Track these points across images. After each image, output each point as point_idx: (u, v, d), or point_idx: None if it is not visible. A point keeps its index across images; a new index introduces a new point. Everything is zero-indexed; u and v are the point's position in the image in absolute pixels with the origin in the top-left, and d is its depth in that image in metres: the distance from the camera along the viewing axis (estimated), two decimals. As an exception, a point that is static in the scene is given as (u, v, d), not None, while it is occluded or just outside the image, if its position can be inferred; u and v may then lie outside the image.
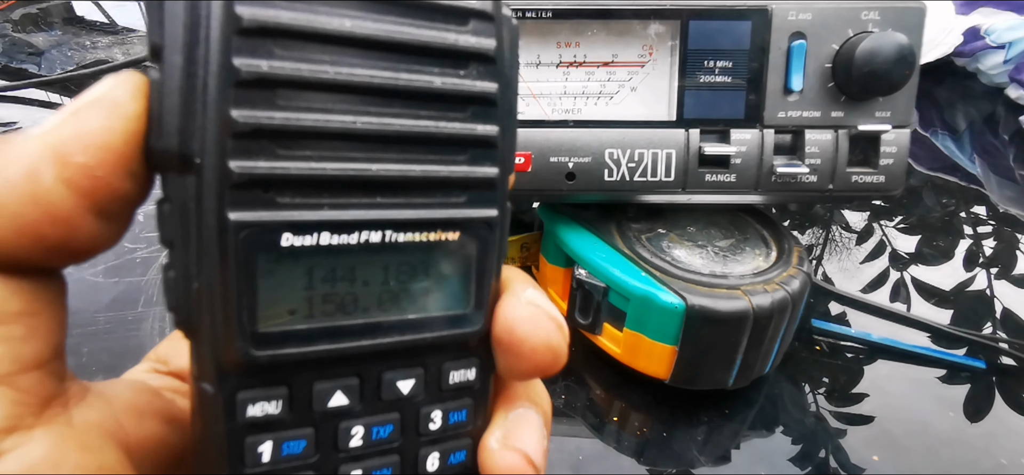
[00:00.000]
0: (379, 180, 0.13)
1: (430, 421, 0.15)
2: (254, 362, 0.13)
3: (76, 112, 0.12)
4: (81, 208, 0.12)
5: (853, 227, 0.53)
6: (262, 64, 0.12)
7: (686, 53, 0.32)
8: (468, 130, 0.14)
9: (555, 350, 0.15)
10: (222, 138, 0.12)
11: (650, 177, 0.33)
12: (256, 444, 0.14)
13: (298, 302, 0.13)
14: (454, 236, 0.14)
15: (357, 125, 0.13)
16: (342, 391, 0.14)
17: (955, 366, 0.38)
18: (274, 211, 0.13)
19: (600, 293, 0.33)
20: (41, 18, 0.91)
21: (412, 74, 0.13)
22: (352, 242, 0.13)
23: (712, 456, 0.31)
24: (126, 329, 0.36)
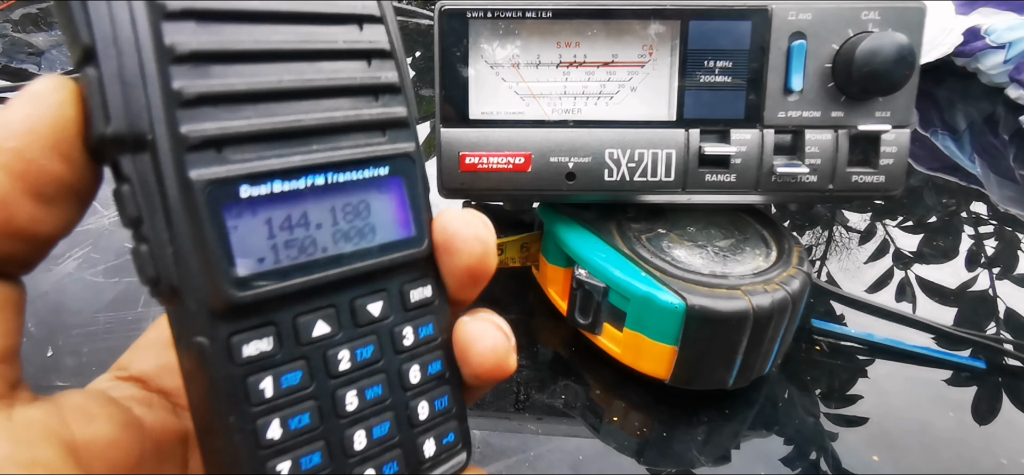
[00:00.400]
0: (312, 128, 0.16)
1: (404, 337, 0.18)
2: (239, 302, 0.14)
3: (4, 107, 0.13)
4: (16, 191, 0.13)
5: (855, 227, 0.53)
6: (192, 40, 0.14)
7: (686, 53, 0.32)
8: (375, 78, 0.17)
9: (484, 242, 0.18)
10: (170, 109, 0.14)
11: (650, 177, 0.33)
12: (257, 382, 0.15)
13: (265, 248, 0.15)
14: (384, 171, 0.17)
15: (282, 83, 0.15)
16: (323, 319, 0.16)
17: (955, 366, 0.38)
18: (230, 166, 0.14)
19: (600, 293, 0.33)
20: (41, 18, 0.91)
21: (317, 37, 0.16)
22: (301, 187, 0.15)
23: (712, 456, 0.31)
24: (126, 329, 0.36)
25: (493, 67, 0.33)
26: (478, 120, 0.33)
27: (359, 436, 0.17)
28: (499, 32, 0.32)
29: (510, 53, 0.33)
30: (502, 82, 0.33)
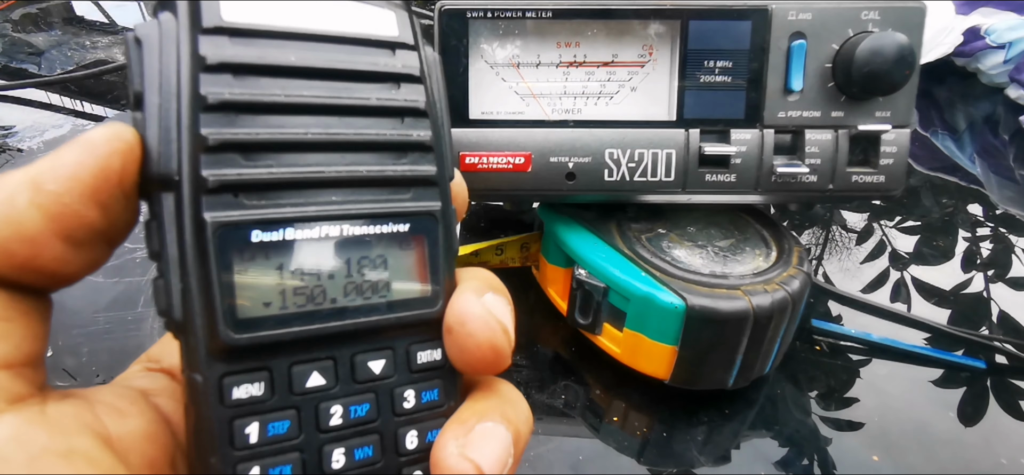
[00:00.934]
0: (332, 180, 0.16)
1: (404, 400, 0.17)
2: (235, 345, 0.14)
3: (56, 151, 0.14)
4: (48, 231, 0.14)
5: (853, 227, 0.53)
6: (224, 91, 0.15)
7: (686, 53, 0.32)
8: (404, 136, 0.17)
9: (498, 350, 0.17)
10: (196, 153, 0.14)
11: (650, 177, 0.33)
12: (244, 426, 0.15)
13: (272, 294, 0.15)
14: (404, 228, 0.17)
15: (308, 135, 0.15)
16: (318, 371, 0.16)
17: (955, 366, 0.38)
18: (243, 211, 0.15)
19: (600, 293, 0.33)
20: (41, 18, 0.91)
21: (351, 93, 0.16)
22: (314, 236, 0.15)
23: (712, 456, 0.31)
24: (126, 329, 0.36)
25: (493, 67, 0.33)
26: (478, 120, 0.33)
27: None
28: (499, 32, 0.32)
29: (510, 53, 0.33)
30: (502, 82, 0.33)
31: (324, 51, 0.16)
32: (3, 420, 0.13)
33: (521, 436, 0.17)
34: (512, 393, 0.18)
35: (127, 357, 0.35)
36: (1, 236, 0.13)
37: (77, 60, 0.77)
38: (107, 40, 0.84)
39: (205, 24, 0.15)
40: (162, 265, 0.15)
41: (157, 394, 0.17)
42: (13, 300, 0.14)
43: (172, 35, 0.15)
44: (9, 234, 0.13)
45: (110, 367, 0.34)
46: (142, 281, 0.40)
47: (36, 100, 0.66)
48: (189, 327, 0.14)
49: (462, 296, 0.17)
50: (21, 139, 0.57)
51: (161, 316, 0.15)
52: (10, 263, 0.14)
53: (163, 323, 0.15)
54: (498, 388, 0.18)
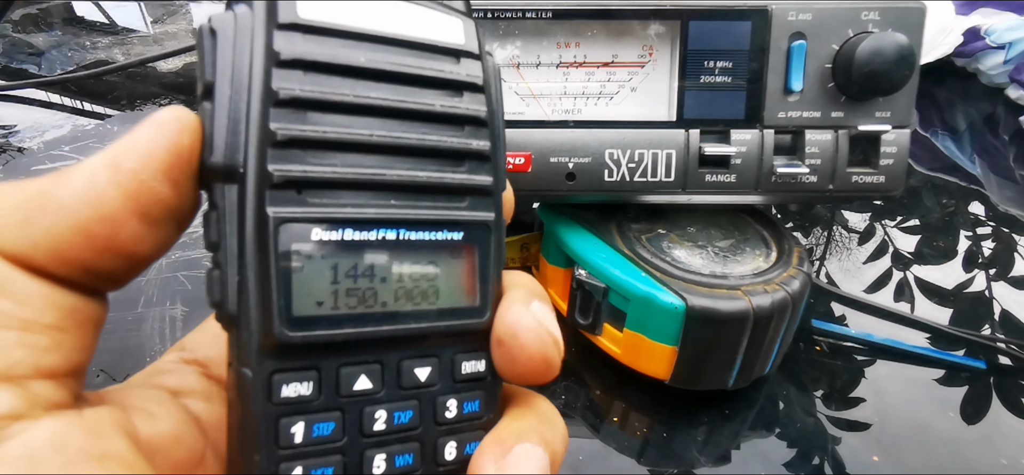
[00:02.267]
0: (392, 183, 0.16)
1: (446, 409, 0.17)
2: (288, 343, 0.15)
3: (131, 131, 0.15)
4: (127, 209, 0.14)
5: (854, 227, 0.53)
6: (295, 87, 0.15)
7: (686, 53, 0.32)
8: (464, 144, 0.17)
9: (549, 363, 0.17)
10: (263, 147, 0.14)
11: (650, 177, 0.33)
12: (290, 425, 0.15)
13: (325, 294, 0.15)
14: (458, 236, 0.17)
15: (372, 137, 0.16)
16: (366, 375, 0.16)
17: (956, 367, 0.38)
18: (306, 208, 0.15)
19: (600, 293, 0.33)
20: (41, 18, 0.91)
21: (416, 98, 0.16)
22: (371, 238, 0.16)
23: (712, 456, 0.31)
24: (126, 329, 0.36)
25: (493, 67, 0.33)
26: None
27: None
28: (499, 32, 0.32)
29: (510, 53, 0.33)
30: (502, 82, 0.33)
31: (393, 54, 0.16)
32: (40, 424, 0.13)
33: (557, 457, 0.17)
34: (550, 411, 0.18)
35: (127, 357, 0.35)
36: (83, 218, 0.14)
37: (77, 60, 0.77)
38: (107, 40, 0.84)
39: (281, 19, 0.15)
40: (220, 256, 0.15)
41: (188, 394, 0.17)
42: (72, 308, 0.14)
43: (247, 28, 0.15)
44: (91, 215, 0.14)
45: (110, 367, 0.34)
46: (142, 281, 0.40)
47: (36, 100, 0.66)
48: (243, 321, 0.15)
49: (512, 307, 0.17)
50: (21, 139, 0.57)
51: (213, 307, 0.15)
52: (91, 245, 0.14)
53: (214, 314, 0.15)
54: (537, 405, 0.18)
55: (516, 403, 0.18)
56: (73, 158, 0.54)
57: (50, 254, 0.14)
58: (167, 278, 0.41)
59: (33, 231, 0.13)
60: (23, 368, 0.13)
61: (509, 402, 0.18)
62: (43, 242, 0.14)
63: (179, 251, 0.43)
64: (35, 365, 0.13)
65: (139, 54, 0.77)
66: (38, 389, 0.13)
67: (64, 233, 0.14)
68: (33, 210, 0.14)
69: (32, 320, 0.14)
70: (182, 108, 0.15)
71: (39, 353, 0.14)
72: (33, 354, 0.13)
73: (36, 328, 0.14)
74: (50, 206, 0.14)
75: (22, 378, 0.13)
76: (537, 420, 0.17)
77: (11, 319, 0.13)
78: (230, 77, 0.15)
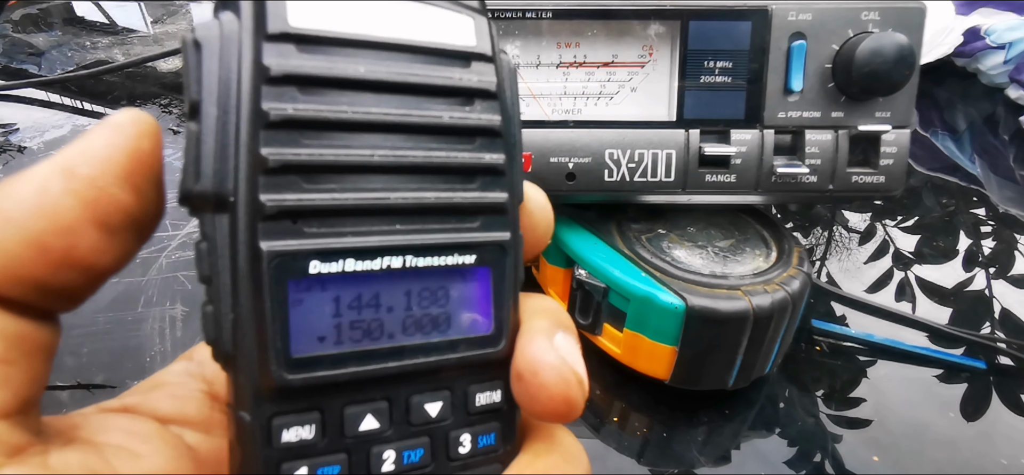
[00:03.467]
0: (397, 207, 0.15)
1: (460, 445, 0.16)
2: (288, 386, 0.14)
3: (85, 134, 0.13)
4: (84, 218, 0.13)
5: (855, 227, 0.53)
6: (288, 108, 0.13)
7: (686, 53, 0.32)
8: (476, 159, 0.15)
9: (572, 405, 0.15)
10: (254, 175, 0.13)
11: (650, 177, 0.33)
12: (292, 470, 0.14)
13: (327, 329, 0.14)
14: (470, 259, 0.15)
15: (374, 158, 0.14)
16: (372, 414, 0.15)
17: (955, 367, 0.38)
18: (302, 240, 0.14)
19: (600, 293, 0.33)
20: (41, 18, 0.91)
21: (422, 111, 0.15)
22: (375, 268, 0.14)
23: (712, 456, 0.31)
24: (126, 329, 0.36)
25: (493, 67, 0.33)
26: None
27: None
28: (499, 32, 0.32)
29: (510, 53, 0.33)
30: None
31: (395, 62, 0.15)
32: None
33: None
34: (573, 447, 0.17)
35: (127, 357, 0.35)
36: (35, 230, 0.12)
37: (77, 60, 0.77)
38: (107, 40, 0.84)
39: (270, 29, 0.13)
40: (212, 292, 0.14)
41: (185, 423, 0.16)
42: (19, 336, 0.13)
43: (234, 39, 0.13)
44: (44, 226, 0.12)
45: (110, 367, 0.34)
46: (142, 281, 0.40)
47: (36, 100, 0.66)
48: (239, 362, 0.14)
49: (534, 340, 0.16)
50: (21, 139, 0.57)
51: (209, 345, 0.14)
52: (45, 260, 0.13)
53: (211, 353, 0.14)
54: (558, 440, 0.17)
55: (537, 437, 0.17)
56: (73, 158, 0.54)
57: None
58: (167, 278, 0.41)
59: None
60: None
61: (528, 435, 0.17)
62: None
63: (179, 251, 0.43)
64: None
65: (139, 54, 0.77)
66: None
67: (14, 248, 0.12)
68: None
69: None
70: (139, 110, 0.14)
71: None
72: None
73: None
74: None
75: None
76: (559, 459, 0.16)
77: None
78: (216, 96, 0.13)
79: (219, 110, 0.13)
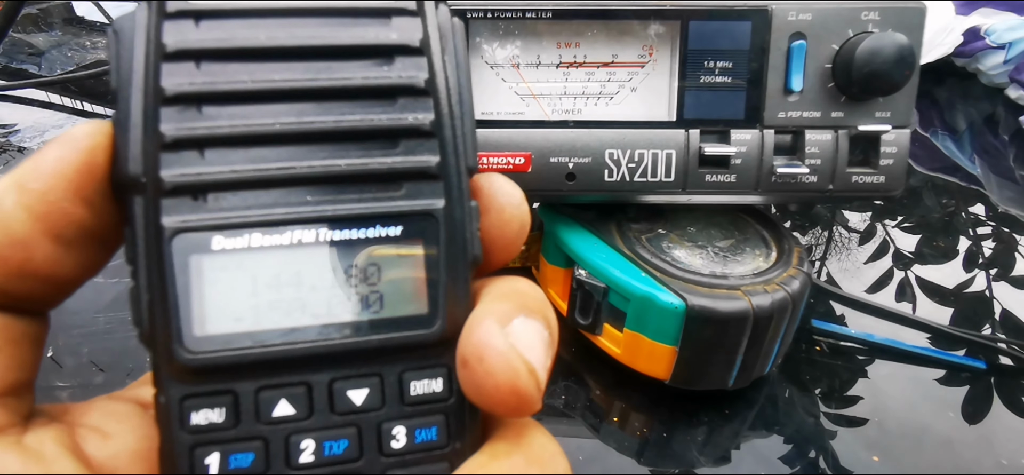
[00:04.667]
0: (304, 177, 0.14)
1: (393, 438, 0.14)
2: (192, 365, 0.13)
3: (38, 151, 0.14)
4: (37, 231, 0.13)
5: (855, 227, 0.53)
6: (184, 82, 0.13)
7: (686, 53, 0.32)
8: (396, 119, 0.14)
9: (521, 397, 0.14)
10: (156, 152, 0.13)
11: (650, 177, 0.33)
12: (204, 455, 0.14)
13: (234, 306, 0.14)
14: (395, 231, 0.14)
15: (276, 126, 0.14)
16: (287, 399, 0.14)
17: (956, 367, 0.38)
18: (204, 214, 0.13)
19: (600, 293, 0.33)
20: (41, 18, 0.91)
21: (331, 74, 0.14)
22: (284, 242, 0.14)
23: (712, 457, 0.31)
24: (126, 329, 0.36)
25: (493, 67, 0.33)
26: (478, 120, 0.33)
27: None
28: (499, 32, 0.32)
29: (510, 53, 0.33)
30: (502, 82, 0.33)
31: (301, 27, 0.14)
32: None
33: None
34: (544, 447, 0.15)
35: (127, 357, 0.35)
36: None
37: (77, 60, 0.77)
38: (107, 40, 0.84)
39: (169, 8, 0.13)
40: (135, 273, 0.14)
41: None
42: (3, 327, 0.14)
43: (143, 23, 0.14)
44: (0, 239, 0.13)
45: (110, 367, 0.34)
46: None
47: (36, 100, 0.66)
48: (155, 342, 0.13)
49: (482, 322, 0.14)
50: (21, 139, 0.57)
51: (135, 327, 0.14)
52: (4, 270, 0.13)
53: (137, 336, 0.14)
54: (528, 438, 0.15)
55: (502, 435, 0.15)
56: (73, 158, 0.54)
57: None
58: (167, 278, 0.41)
59: None
60: None
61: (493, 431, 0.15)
62: None
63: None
64: None
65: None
66: None
67: None
68: None
69: None
70: (98, 121, 0.14)
71: None
72: None
73: None
74: None
75: None
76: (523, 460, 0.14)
77: None
78: (130, 79, 0.13)
79: (132, 92, 0.13)
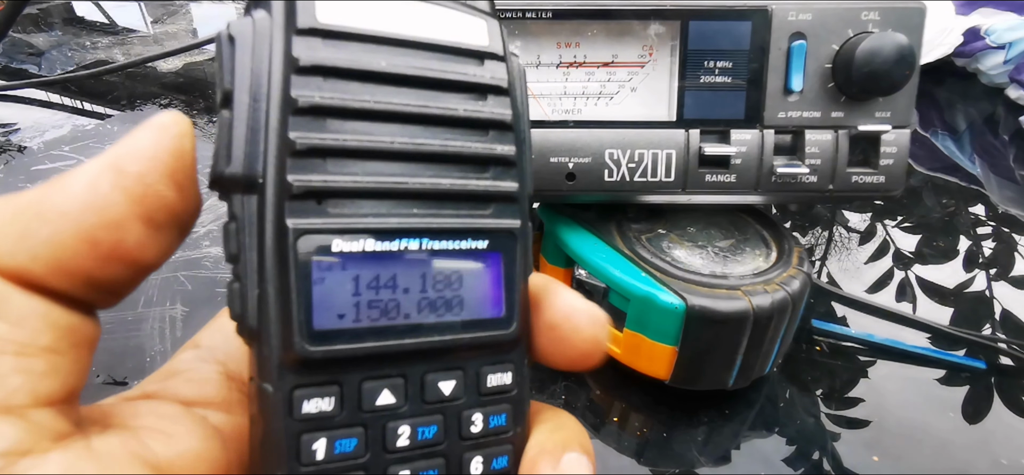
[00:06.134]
0: (414, 192, 0.16)
1: (471, 424, 0.16)
2: (309, 358, 0.14)
3: (132, 134, 0.14)
4: (131, 214, 0.14)
5: (855, 227, 0.53)
6: (315, 95, 0.14)
7: (686, 53, 0.32)
8: (488, 149, 0.16)
9: (601, 345, 0.18)
10: (283, 156, 0.14)
11: (650, 177, 0.33)
12: (311, 441, 0.15)
13: (347, 305, 0.15)
14: (483, 244, 0.16)
15: (394, 145, 0.15)
16: (389, 389, 0.15)
17: (955, 366, 0.38)
18: (326, 218, 0.15)
19: (600, 293, 0.33)
20: (41, 18, 0.91)
21: (439, 103, 0.16)
22: (393, 249, 0.15)
23: (712, 457, 0.31)
24: (126, 329, 0.36)
25: (493, 67, 0.33)
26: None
27: None
28: (499, 32, 0.32)
29: (510, 53, 0.33)
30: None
31: (414, 58, 0.16)
32: (48, 459, 0.12)
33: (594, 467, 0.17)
34: (577, 424, 0.18)
35: (127, 357, 0.35)
36: (87, 224, 0.13)
37: (77, 60, 0.77)
38: (107, 40, 0.85)
39: (300, 25, 0.15)
40: (239, 269, 0.14)
41: (206, 404, 0.17)
42: (69, 328, 0.14)
43: (266, 34, 0.15)
44: (95, 221, 0.13)
45: (110, 367, 0.34)
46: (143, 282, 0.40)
47: (36, 100, 0.66)
48: (263, 335, 0.14)
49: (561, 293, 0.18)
50: (21, 139, 0.57)
51: (234, 320, 0.15)
52: (95, 253, 0.13)
53: (236, 328, 0.15)
54: (564, 420, 0.18)
55: (547, 418, 0.18)
56: (73, 158, 0.54)
57: (51, 265, 0.13)
58: (167, 278, 0.41)
59: (33, 242, 0.13)
60: (21, 396, 0.13)
61: (538, 417, 0.18)
62: (43, 253, 0.13)
63: (179, 251, 0.43)
64: (33, 392, 0.13)
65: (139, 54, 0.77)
66: (39, 419, 0.13)
67: (67, 241, 0.13)
68: (31, 220, 0.13)
69: (28, 343, 0.13)
70: (178, 113, 0.15)
71: (36, 379, 0.13)
72: (30, 380, 0.13)
73: (32, 351, 0.13)
74: (50, 214, 0.13)
75: (21, 407, 0.13)
76: (573, 432, 0.17)
77: (7, 343, 0.13)
78: (248, 85, 0.15)
79: (250, 98, 0.14)
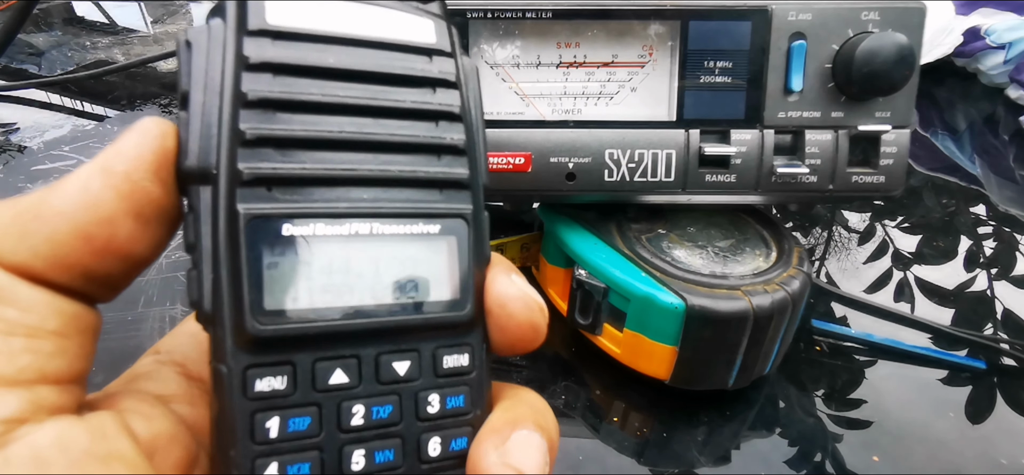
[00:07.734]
0: (364, 178, 0.16)
1: (429, 405, 0.17)
2: (260, 336, 0.15)
3: (117, 138, 0.15)
4: (121, 210, 0.15)
5: (854, 227, 0.53)
6: (264, 89, 0.15)
7: (686, 53, 0.32)
8: (437, 138, 0.17)
9: (537, 328, 0.18)
10: (234, 147, 0.15)
11: (650, 177, 0.33)
12: (264, 420, 0.15)
13: (299, 286, 0.15)
14: (434, 228, 0.17)
15: (342, 133, 0.16)
16: (342, 369, 0.16)
17: (956, 367, 0.38)
18: (275, 204, 0.15)
19: (600, 293, 0.33)
20: (41, 18, 0.91)
21: (387, 95, 0.17)
22: (344, 232, 0.16)
23: (712, 457, 0.31)
24: (126, 329, 0.36)
25: (493, 67, 0.33)
26: (478, 120, 0.33)
27: None
28: (499, 32, 0.32)
29: (510, 53, 0.33)
30: (502, 82, 0.33)
31: (362, 55, 0.17)
32: (45, 427, 0.13)
33: (553, 444, 0.18)
34: (539, 401, 0.18)
35: (127, 357, 0.35)
36: (81, 221, 0.14)
37: (77, 60, 0.77)
38: (107, 40, 0.84)
39: (250, 26, 0.15)
40: (196, 256, 0.15)
41: (171, 399, 0.18)
42: (74, 315, 0.15)
43: (219, 37, 0.16)
44: (89, 218, 0.14)
45: (110, 367, 0.34)
46: (142, 281, 0.40)
47: (36, 100, 0.66)
48: (217, 317, 0.15)
49: (496, 279, 0.18)
50: (21, 139, 0.57)
51: (192, 307, 0.15)
52: (90, 248, 0.14)
53: (194, 315, 0.15)
54: (525, 397, 0.18)
55: (505, 397, 0.18)
56: (73, 158, 0.54)
57: (51, 261, 0.14)
58: (167, 278, 0.41)
59: (33, 240, 0.14)
60: (29, 373, 0.14)
61: (497, 398, 0.18)
62: (44, 250, 0.14)
63: (179, 252, 0.43)
64: (40, 370, 0.14)
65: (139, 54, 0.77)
66: (43, 394, 0.14)
67: (64, 238, 0.14)
68: (30, 220, 0.14)
69: (37, 327, 0.14)
70: (160, 118, 0.16)
71: (44, 359, 0.14)
72: (38, 360, 0.14)
73: (41, 334, 0.14)
74: (48, 214, 0.14)
75: (28, 383, 0.14)
76: (530, 410, 0.18)
77: (16, 326, 0.14)
78: (203, 84, 0.15)
79: (205, 96, 0.15)
